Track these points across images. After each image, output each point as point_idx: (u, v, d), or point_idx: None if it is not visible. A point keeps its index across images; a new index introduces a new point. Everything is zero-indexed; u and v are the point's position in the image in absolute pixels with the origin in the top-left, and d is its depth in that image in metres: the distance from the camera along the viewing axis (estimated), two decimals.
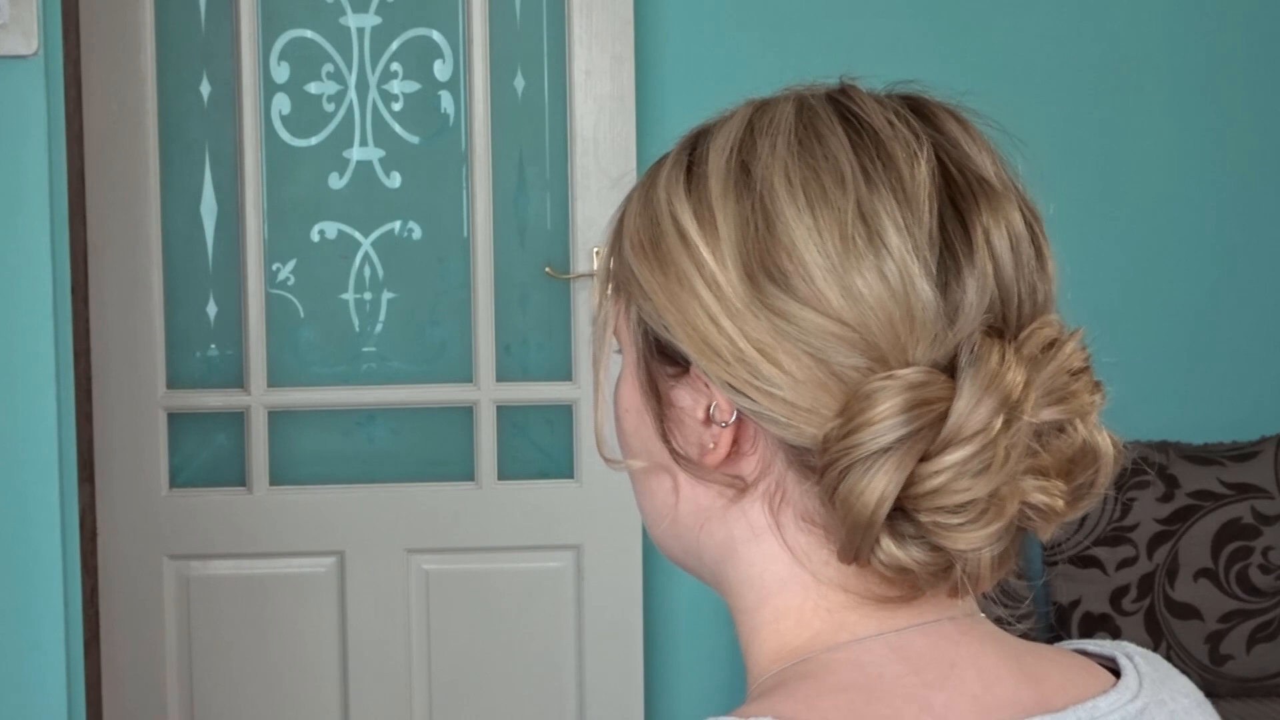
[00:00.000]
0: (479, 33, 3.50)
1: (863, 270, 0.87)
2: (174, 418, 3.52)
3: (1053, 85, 3.67)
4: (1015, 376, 0.85)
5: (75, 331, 3.21)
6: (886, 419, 0.84)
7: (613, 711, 3.56)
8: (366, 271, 3.59)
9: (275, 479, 3.53)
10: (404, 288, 3.60)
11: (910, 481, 0.84)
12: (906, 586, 0.89)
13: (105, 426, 3.47)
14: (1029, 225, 0.92)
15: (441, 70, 3.57)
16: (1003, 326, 0.88)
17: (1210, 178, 3.71)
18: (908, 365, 0.85)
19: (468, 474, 3.56)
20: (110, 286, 3.45)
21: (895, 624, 0.90)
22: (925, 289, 0.86)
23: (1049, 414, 0.87)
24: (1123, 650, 0.97)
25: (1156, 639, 3.46)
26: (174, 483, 3.52)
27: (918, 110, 0.94)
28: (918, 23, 3.62)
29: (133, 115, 3.43)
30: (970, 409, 0.84)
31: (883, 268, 0.87)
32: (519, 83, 3.57)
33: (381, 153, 3.58)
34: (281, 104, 3.54)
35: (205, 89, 3.51)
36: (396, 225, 3.59)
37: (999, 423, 0.84)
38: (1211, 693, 3.46)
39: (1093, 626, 3.47)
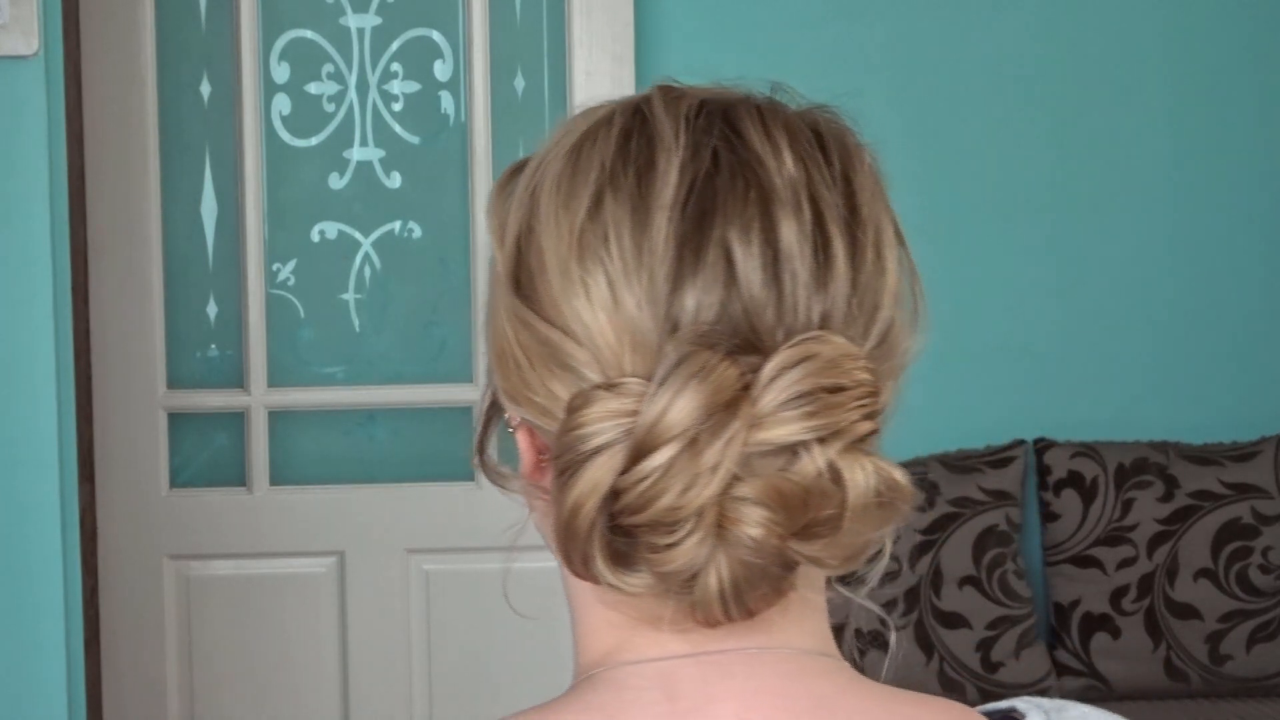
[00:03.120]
0: (479, 33, 3.51)
1: (584, 278, 0.85)
2: (174, 418, 3.52)
3: (1052, 85, 3.67)
4: (719, 385, 0.80)
5: (75, 331, 3.21)
6: (584, 427, 0.82)
7: None
8: (366, 271, 3.59)
9: (275, 479, 3.53)
10: (404, 288, 3.60)
11: (615, 494, 0.81)
12: (678, 612, 0.85)
13: (105, 426, 3.47)
14: (819, 236, 0.85)
15: (441, 70, 3.57)
16: (753, 340, 0.83)
17: (1211, 177, 3.71)
18: (624, 377, 0.83)
19: (468, 474, 3.56)
20: (110, 286, 3.45)
21: (677, 649, 0.87)
22: (629, 301, 0.83)
23: (783, 431, 0.81)
24: (1054, 714, 0.90)
25: (1156, 639, 3.46)
26: (174, 483, 3.52)
27: (724, 113, 0.88)
28: (917, 24, 3.62)
29: (133, 115, 3.43)
30: (659, 416, 0.80)
31: (589, 280, 0.84)
32: (519, 83, 3.57)
33: (382, 153, 3.58)
34: (281, 104, 3.54)
35: (205, 89, 3.51)
36: (396, 225, 3.59)
37: (695, 432, 0.80)
38: (1212, 693, 3.46)
39: (1093, 626, 3.47)
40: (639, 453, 0.80)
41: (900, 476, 0.84)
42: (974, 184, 3.65)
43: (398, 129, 3.57)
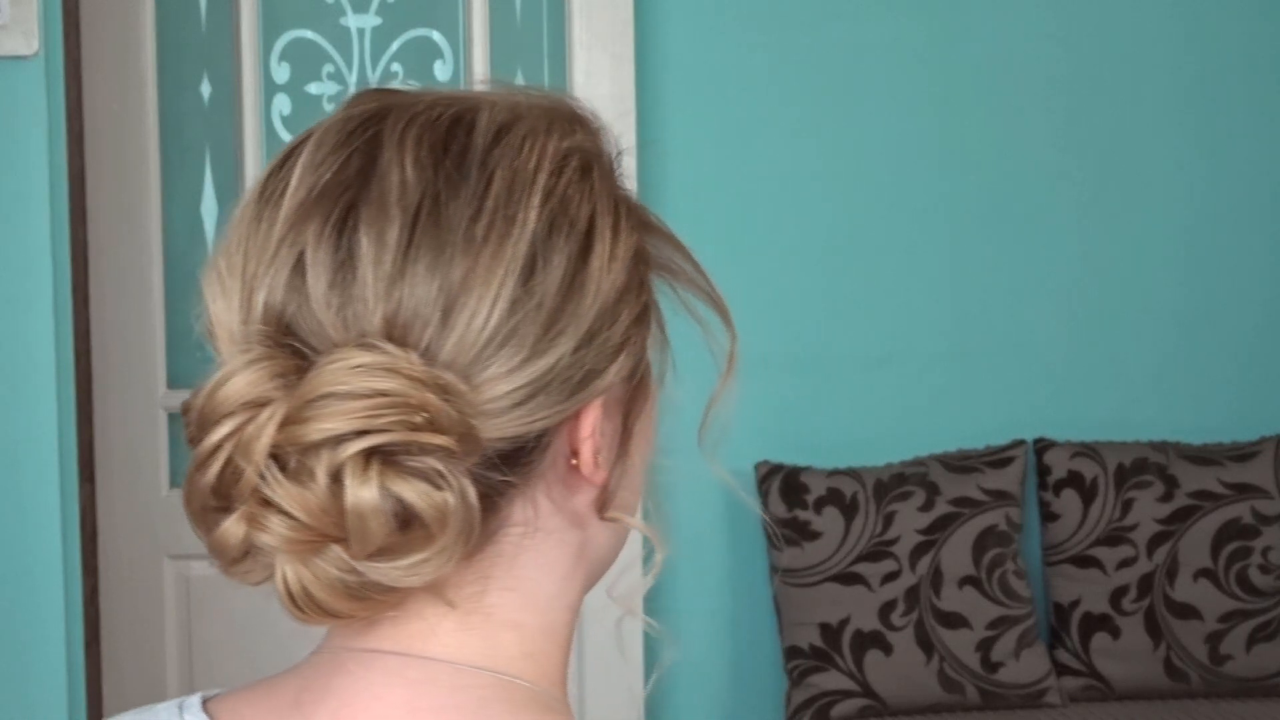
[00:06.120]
0: (479, 33, 3.51)
1: (207, 279, 0.88)
2: (174, 418, 3.52)
3: (1052, 85, 3.67)
4: (254, 379, 0.82)
5: (75, 331, 3.21)
6: (185, 415, 0.85)
7: (612, 712, 3.56)
8: None
9: None
10: None
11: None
12: (308, 608, 0.87)
13: (105, 426, 3.47)
14: (404, 242, 0.84)
15: (441, 70, 3.57)
16: (321, 341, 0.84)
17: (1211, 177, 3.71)
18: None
19: None
20: (110, 286, 3.45)
21: (339, 644, 0.90)
22: (225, 301, 0.86)
23: (306, 430, 0.81)
24: None
25: (1156, 639, 3.46)
26: (174, 483, 3.52)
27: (382, 119, 0.89)
28: (917, 23, 3.62)
29: (133, 115, 3.43)
30: (200, 406, 0.83)
31: (208, 280, 0.88)
32: (519, 83, 3.57)
33: None
34: (282, 104, 3.54)
35: (205, 89, 3.52)
36: None
37: (234, 424, 0.82)
38: (1212, 693, 3.46)
39: (1093, 626, 3.47)
40: (192, 442, 0.84)
41: (415, 498, 0.82)
42: (974, 184, 3.65)
43: None
